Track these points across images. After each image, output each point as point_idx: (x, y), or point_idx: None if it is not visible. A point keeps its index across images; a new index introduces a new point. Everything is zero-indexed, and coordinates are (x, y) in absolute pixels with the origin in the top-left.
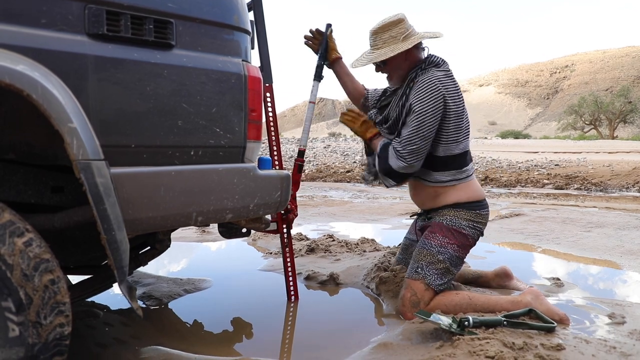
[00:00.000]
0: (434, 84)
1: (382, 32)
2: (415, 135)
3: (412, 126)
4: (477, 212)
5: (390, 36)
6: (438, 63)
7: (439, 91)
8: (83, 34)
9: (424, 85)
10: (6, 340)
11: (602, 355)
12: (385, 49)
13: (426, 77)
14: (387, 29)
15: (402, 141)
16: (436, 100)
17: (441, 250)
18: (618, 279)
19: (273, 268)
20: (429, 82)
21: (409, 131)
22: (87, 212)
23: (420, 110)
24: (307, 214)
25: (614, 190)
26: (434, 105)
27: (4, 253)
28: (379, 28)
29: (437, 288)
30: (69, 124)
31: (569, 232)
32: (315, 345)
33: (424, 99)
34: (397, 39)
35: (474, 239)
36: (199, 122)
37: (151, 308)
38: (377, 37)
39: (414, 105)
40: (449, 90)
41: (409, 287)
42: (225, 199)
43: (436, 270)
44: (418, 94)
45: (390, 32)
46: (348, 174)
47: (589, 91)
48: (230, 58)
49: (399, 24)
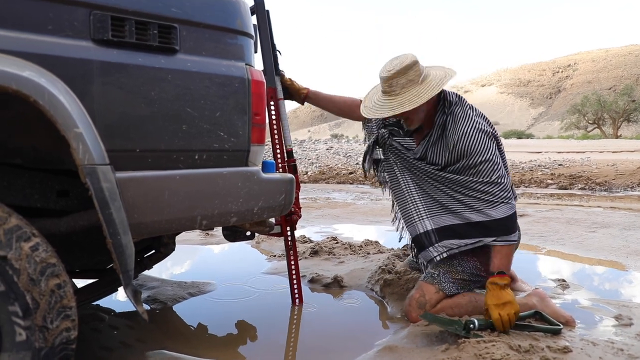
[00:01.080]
0: (478, 127)
1: (398, 77)
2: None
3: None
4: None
5: (407, 80)
6: (456, 103)
7: (484, 131)
8: (88, 40)
9: (472, 134)
10: (13, 344)
11: (609, 358)
12: (406, 95)
13: (467, 125)
14: (403, 73)
15: (502, 187)
16: (488, 140)
17: (462, 264)
18: (624, 279)
19: (277, 271)
20: (472, 128)
21: (498, 175)
22: (92, 216)
23: (488, 157)
24: (311, 216)
25: (618, 190)
26: (491, 146)
27: (10, 257)
28: (395, 74)
29: (447, 293)
30: (74, 129)
31: (574, 232)
32: (320, 348)
33: (480, 145)
34: (415, 82)
35: None
36: (203, 126)
37: (156, 311)
38: (393, 82)
39: (476, 156)
40: (486, 127)
41: (420, 288)
42: (230, 203)
43: (452, 280)
44: (472, 143)
45: (407, 76)
46: (351, 175)
47: (592, 90)
48: (233, 62)
49: (414, 66)
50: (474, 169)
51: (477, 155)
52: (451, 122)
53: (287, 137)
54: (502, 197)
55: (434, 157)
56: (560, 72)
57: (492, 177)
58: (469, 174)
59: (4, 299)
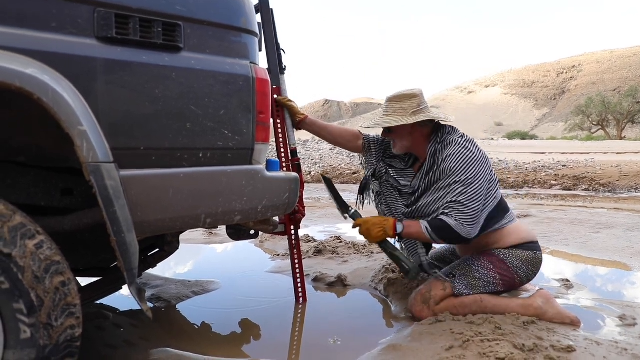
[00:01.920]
0: (466, 152)
1: (395, 102)
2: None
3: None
4: (534, 253)
5: (401, 107)
6: (449, 132)
7: (471, 157)
8: (92, 37)
9: (458, 157)
10: (18, 341)
11: (613, 357)
12: (392, 117)
13: (454, 150)
14: (400, 100)
15: (463, 211)
16: (473, 165)
17: (480, 271)
18: (628, 280)
19: (281, 270)
20: (459, 152)
21: (466, 199)
22: (96, 215)
23: (466, 179)
24: (314, 215)
25: (622, 191)
26: (473, 171)
27: (15, 255)
28: (393, 97)
29: (457, 293)
30: (79, 127)
31: (578, 233)
32: (324, 347)
33: (463, 168)
34: (406, 112)
35: (521, 280)
36: (207, 124)
37: (160, 310)
38: (390, 106)
39: (455, 175)
40: (476, 154)
41: (429, 284)
42: (234, 201)
43: (466, 282)
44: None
45: (402, 104)
46: (354, 175)
47: (597, 91)
48: (238, 60)
49: (412, 98)
50: (448, 188)
51: (454, 176)
52: (441, 149)
53: (290, 136)
54: (458, 215)
55: (428, 186)
56: (565, 73)
57: (458, 198)
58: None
59: (9, 297)
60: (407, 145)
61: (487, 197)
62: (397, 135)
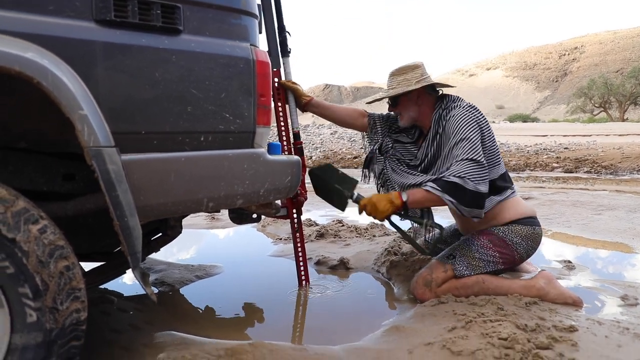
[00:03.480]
0: (468, 113)
1: (398, 75)
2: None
3: (467, 151)
4: (532, 228)
5: (405, 79)
6: (454, 99)
7: (474, 118)
8: (91, 20)
9: (460, 118)
10: (24, 325)
11: (615, 337)
12: (397, 88)
13: (458, 112)
14: (403, 72)
15: (466, 167)
16: (475, 125)
17: (480, 250)
18: (630, 261)
19: (283, 253)
20: (462, 113)
21: (467, 157)
22: (99, 199)
23: (468, 136)
24: (316, 199)
25: (624, 173)
26: (475, 130)
27: (19, 240)
28: (396, 70)
29: (458, 274)
30: (79, 111)
31: (580, 215)
32: (327, 329)
33: (464, 126)
34: (410, 82)
35: (521, 257)
36: (208, 107)
37: (164, 294)
38: (393, 79)
39: (457, 135)
40: (479, 118)
41: (431, 266)
42: (236, 185)
43: (467, 263)
44: (458, 125)
45: (405, 76)
46: (355, 159)
47: (599, 73)
48: (238, 43)
49: (415, 69)
50: (455, 147)
51: (459, 134)
52: (445, 114)
53: (293, 120)
54: (465, 173)
55: (436, 153)
56: (567, 55)
57: (467, 155)
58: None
59: (14, 281)
60: (413, 116)
61: (490, 162)
62: (403, 106)
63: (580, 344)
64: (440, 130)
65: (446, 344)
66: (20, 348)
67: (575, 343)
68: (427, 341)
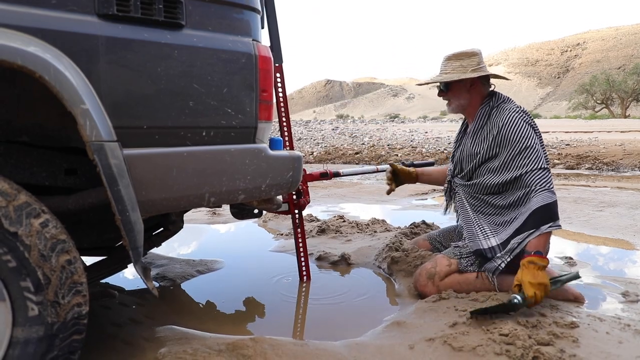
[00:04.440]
0: (523, 119)
1: (454, 60)
2: (545, 164)
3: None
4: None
5: (460, 65)
6: (505, 100)
7: (529, 123)
8: (93, 15)
9: (518, 123)
10: (26, 319)
11: (616, 333)
12: (452, 74)
13: (513, 116)
14: (459, 57)
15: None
16: (531, 131)
17: None
18: (631, 257)
19: (284, 249)
20: (518, 118)
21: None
22: (100, 194)
23: (531, 144)
24: (317, 195)
25: (626, 170)
26: (534, 137)
27: (21, 234)
28: (452, 55)
29: (462, 269)
30: (81, 106)
31: (581, 211)
32: (328, 324)
33: (525, 133)
34: (466, 69)
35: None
36: (210, 102)
37: (165, 288)
38: (448, 64)
39: (521, 142)
40: (532, 122)
41: (435, 259)
42: (238, 180)
43: (471, 259)
44: (518, 131)
45: (461, 62)
46: (357, 155)
47: (601, 69)
48: (240, 37)
49: (472, 57)
50: (520, 156)
51: (522, 142)
52: (496, 112)
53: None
54: (546, 184)
55: (474, 147)
56: (569, 51)
57: (538, 164)
58: (515, 166)
59: (16, 275)
60: (463, 104)
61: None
62: (454, 93)
63: (581, 340)
64: (486, 125)
65: (447, 340)
66: (22, 342)
67: (576, 339)
68: (428, 337)
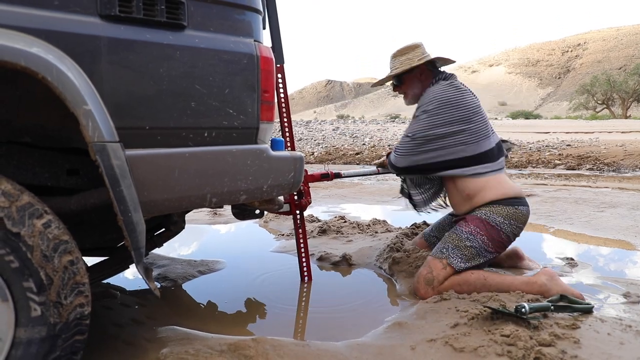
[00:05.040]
0: (439, 95)
1: (399, 55)
2: (412, 139)
3: (412, 130)
4: (515, 208)
5: (407, 58)
6: (445, 77)
7: (446, 98)
8: (95, 16)
9: (430, 96)
10: (29, 319)
11: (617, 334)
12: (400, 68)
13: (434, 89)
14: (404, 52)
15: (408, 135)
16: (442, 106)
17: (470, 238)
18: (632, 258)
19: (285, 249)
20: (435, 93)
21: (413, 131)
22: (102, 194)
23: (423, 118)
24: (318, 195)
25: (627, 170)
26: (437, 114)
27: (24, 234)
28: (397, 52)
29: (457, 268)
30: (84, 107)
31: (582, 212)
32: (329, 324)
33: (428, 107)
34: (412, 61)
35: (508, 237)
36: (212, 103)
37: (167, 289)
38: (396, 60)
39: (417, 113)
40: (454, 98)
41: (428, 264)
42: (239, 180)
43: (460, 254)
44: (425, 104)
45: (407, 55)
46: (357, 156)
47: (602, 70)
48: (242, 38)
49: (415, 49)
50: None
51: (416, 111)
52: (426, 93)
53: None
54: (397, 147)
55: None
56: (570, 52)
57: (408, 131)
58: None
59: (19, 275)
60: (417, 94)
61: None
62: (408, 85)
63: (583, 341)
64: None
65: (449, 341)
66: (25, 342)
67: (578, 340)
68: (429, 337)
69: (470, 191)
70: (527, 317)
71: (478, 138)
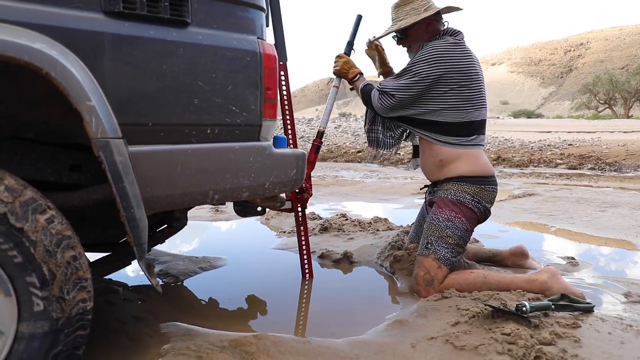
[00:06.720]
0: (437, 50)
1: (403, 6)
2: (401, 90)
3: (401, 82)
4: (481, 187)
5: (411, 8)
6: (454, 33)
7: (439, 56)
8: (99, 12)
9: (429, 49)
10: (31, 314)
11: (618, 333)
12: (406, 19)
13: (435, 43)
14: (408, 2)
15: (387, 91)
16: (434, 64)
17: (449, 225)
18: (633, 258)
19: (287, 247)
20: (434, 47)
21: (398, 84)
22: (105, 190)
23: (415, 70)
24: (320, 193)
25: (628, 170)
26: (429, 69)
27: (27, 230)
28: (400, 1)
29: (448, 264)
30: (87, 102)
31: (583, 211)
32: (330, 322)
33: (421, 60)
34: (418, 11)
35: (481, 212)
36: (215, 100)
37: (168, 285)
38: (399, 10)
39: (411, 64)
40: (453, 57)
41: (422, 264)
42: (242, 177)
43: (446, 245)
44: (419, 55)
45: (412, 5)
46: (359, 154)
47: (604, 69)
48: (245, 35)
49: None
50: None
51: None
52: (428, 45)
53: (323, 119)
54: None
55: None
56: (572, 51)
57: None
58: None
59: (22, 270)
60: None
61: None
62: (414, 37)
63: (583, 340)
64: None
65: (449, 339)
66: (27, 337)
67: (578, 339)
68: (430, 335)
69: (444, 157)
70: (528, 315)
71: (472, 105)
